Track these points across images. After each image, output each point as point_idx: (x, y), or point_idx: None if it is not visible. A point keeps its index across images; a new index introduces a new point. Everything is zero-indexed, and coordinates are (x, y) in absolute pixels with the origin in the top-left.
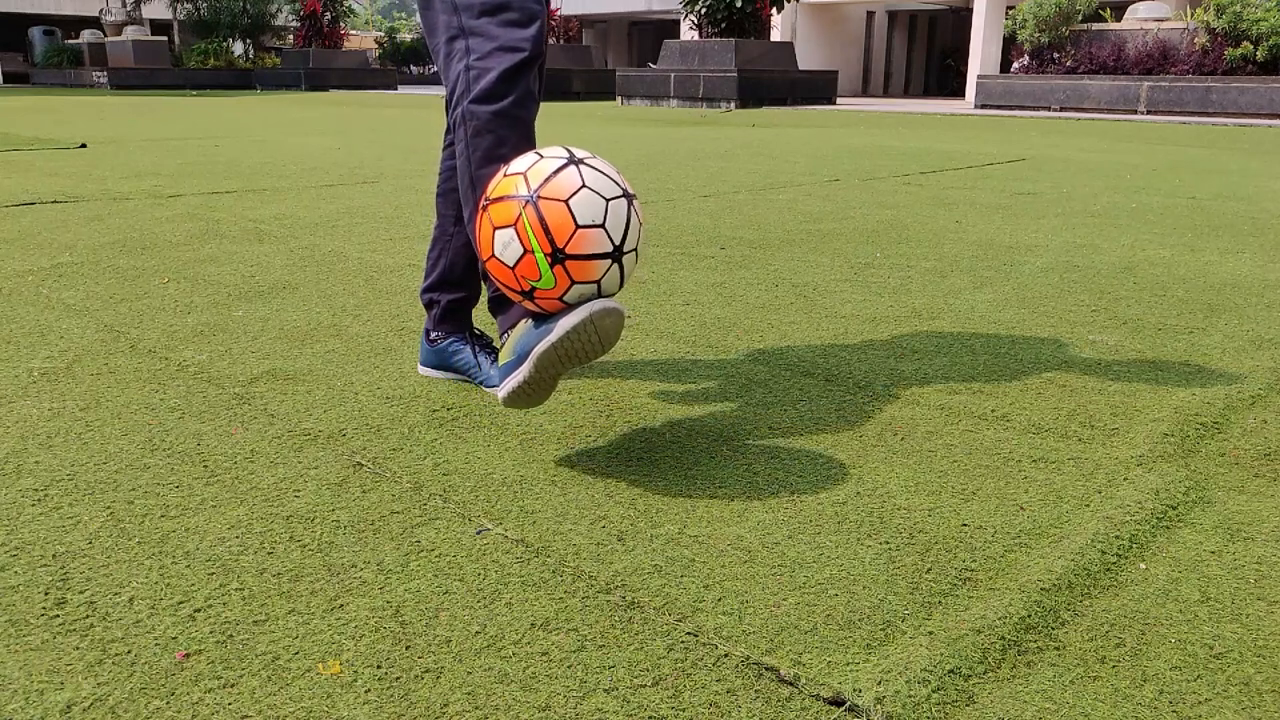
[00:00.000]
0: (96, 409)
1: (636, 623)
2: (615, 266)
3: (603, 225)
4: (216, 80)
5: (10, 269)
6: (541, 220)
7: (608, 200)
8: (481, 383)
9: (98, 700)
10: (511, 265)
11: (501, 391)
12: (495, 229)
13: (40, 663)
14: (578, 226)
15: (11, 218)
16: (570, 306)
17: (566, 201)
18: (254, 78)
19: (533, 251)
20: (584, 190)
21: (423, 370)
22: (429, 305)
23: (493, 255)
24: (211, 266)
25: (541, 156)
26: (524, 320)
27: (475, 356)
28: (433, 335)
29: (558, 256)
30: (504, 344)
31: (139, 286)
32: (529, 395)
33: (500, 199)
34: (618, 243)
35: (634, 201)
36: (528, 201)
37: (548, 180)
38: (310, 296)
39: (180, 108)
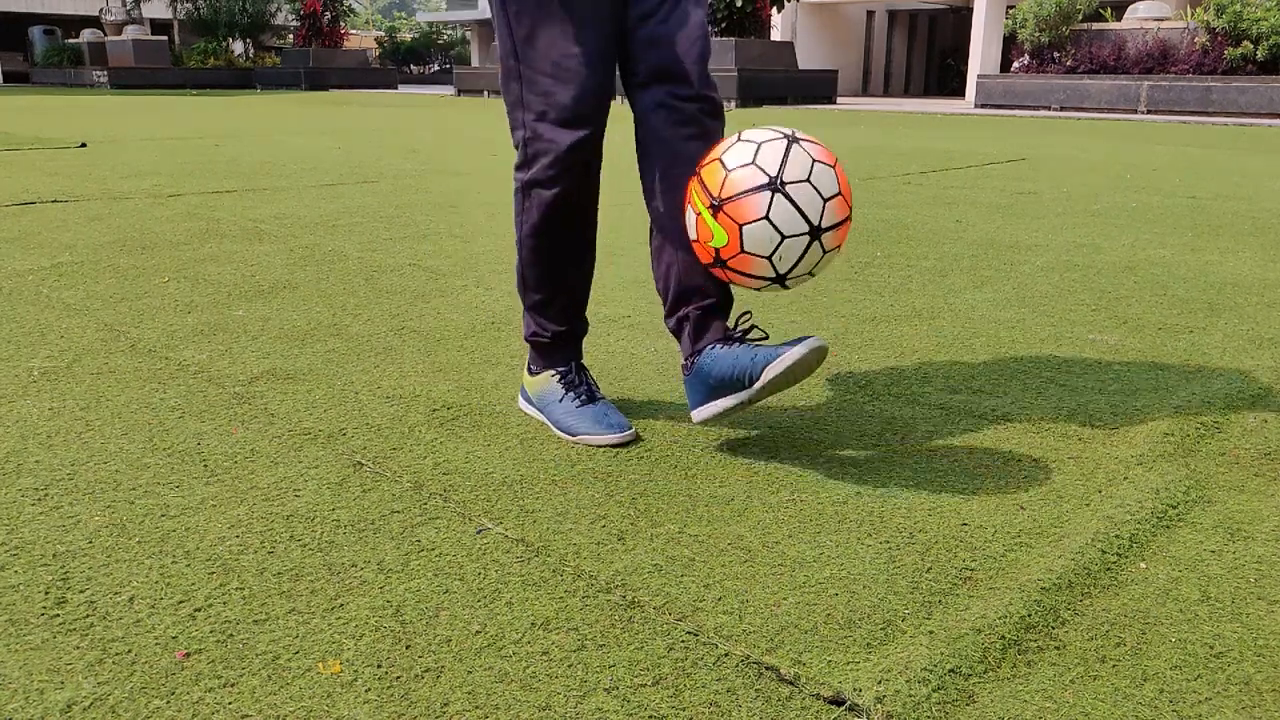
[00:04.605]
0: (96, 408)
1: (636, 622)
2: (775, 195)
3: (766, 216)
4: (216, 80)
5: (10, 269)
6: (709, 192)
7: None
8: (763, 361)
9: (98, 700)
10: (693, 239)
11: (701, 415)
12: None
13: (40, 662)
14: (741, 192)
15: (11, 217)
16: (789, 343)
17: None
18: (254, 77)
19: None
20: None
21: (700, 415)
22: (678, 329)
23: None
24: (211, 266)
25: (743, 165)
26: (717, 348)
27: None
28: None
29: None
30: (703, 367)
31: (139, 286)
32: (723, 417)
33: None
34: (772, 174)
35: (822, 235)
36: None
37: (735, 198)
38: (310, 296)
39: (180, 107)
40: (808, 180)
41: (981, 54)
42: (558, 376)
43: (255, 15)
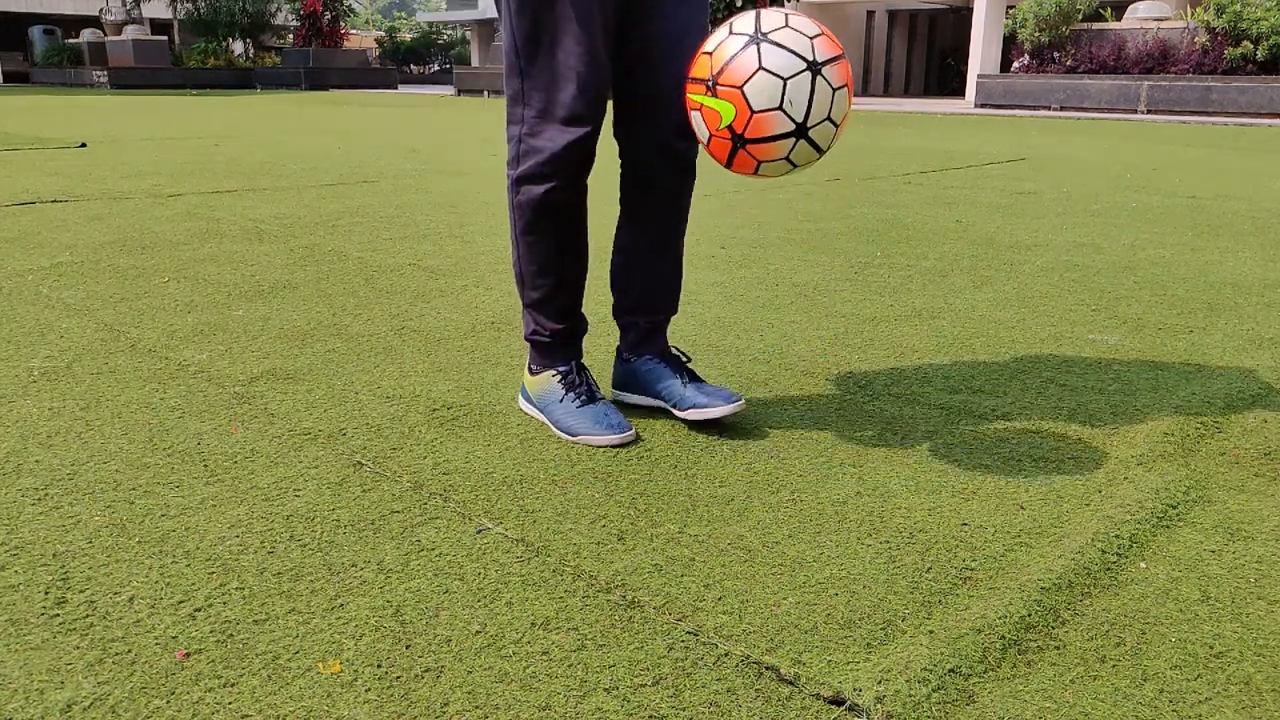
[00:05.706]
0: (96, 408)
1: (636, 622)
2: (761, 44)
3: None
4: (216, 80)
5: (10, 268)
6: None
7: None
8: (689, 403)
9: (98, 700)
10: (707, 140)
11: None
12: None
13: (40, 662)
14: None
15: (11, 217)
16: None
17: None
18: (254, 77)
19: (702, 105)
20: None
21: (618, 396)
22: (625, 327)
23: (712, 135)
24: (211, 266)
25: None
26: (654, 361)
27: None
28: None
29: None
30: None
31: (139, 286)
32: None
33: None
34: (751, 32)
35: (822, 70)
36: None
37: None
38: (310, 296)
39: (180, 107)
40: (786, 26)
41: (981, 54)
42: (558, 376)
43: (255, 15)
